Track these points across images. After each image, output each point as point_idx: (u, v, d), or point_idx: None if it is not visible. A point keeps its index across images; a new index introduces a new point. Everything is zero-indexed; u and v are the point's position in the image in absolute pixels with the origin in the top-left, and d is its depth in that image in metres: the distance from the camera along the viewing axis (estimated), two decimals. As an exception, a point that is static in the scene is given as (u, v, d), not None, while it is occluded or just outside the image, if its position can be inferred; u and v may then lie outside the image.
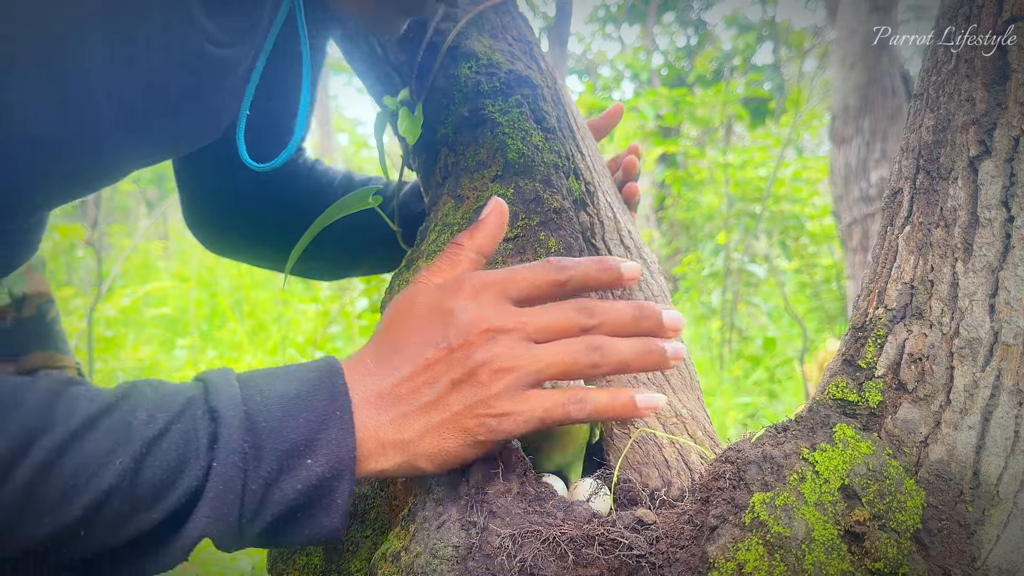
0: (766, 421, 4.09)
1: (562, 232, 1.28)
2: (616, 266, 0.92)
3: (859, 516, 0.87)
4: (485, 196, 1.30)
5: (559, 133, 1.39)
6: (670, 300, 1.49)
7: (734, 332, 5.94)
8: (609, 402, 0.93)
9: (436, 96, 1.39)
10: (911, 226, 0.98)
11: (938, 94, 0.97)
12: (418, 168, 1.50)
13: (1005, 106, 0.88)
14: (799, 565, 0.85)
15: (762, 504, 0.89)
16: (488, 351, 0.81)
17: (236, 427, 0.78)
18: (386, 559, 1.04)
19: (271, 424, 0.80)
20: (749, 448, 0.97)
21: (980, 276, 0.89)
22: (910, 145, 1.01)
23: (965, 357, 0.89)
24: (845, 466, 0.90)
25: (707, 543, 0.91)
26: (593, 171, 1.48)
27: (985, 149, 0.90)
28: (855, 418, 0.95)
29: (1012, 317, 0.87)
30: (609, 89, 10.17)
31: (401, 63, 1.46)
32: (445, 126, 1.37)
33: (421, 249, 1.37)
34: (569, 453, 1.19)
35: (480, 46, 1.42)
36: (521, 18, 1.54)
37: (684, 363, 1.45)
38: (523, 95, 1.37)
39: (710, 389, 4.59)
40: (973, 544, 0.87)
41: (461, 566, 0.94)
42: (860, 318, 1.02)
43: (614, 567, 0.92)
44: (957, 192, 0.92)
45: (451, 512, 0.99)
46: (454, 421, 0.85)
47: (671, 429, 1.29)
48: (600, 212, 1.43)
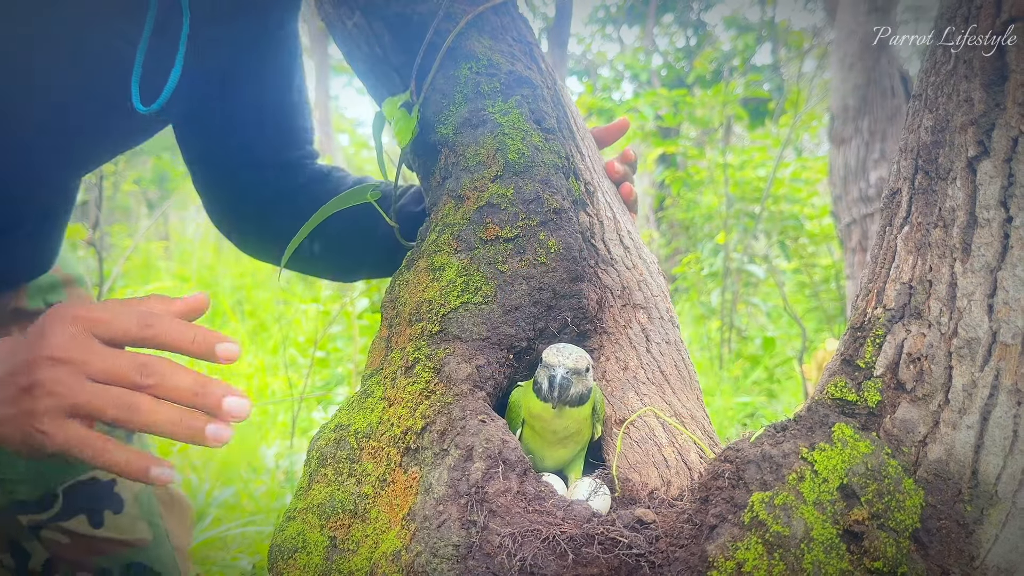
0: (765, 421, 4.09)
1: (562, 232, 1.28)
2: (212, 342, 0.98)
3: (858, 515, 0.88)
4: (485, 196, 1.31)
5: (559, 133, 1.39)
6: (670, 300, 1.49)
7: (733, 332, 5.94)
8: (173, 429, 0.96)
9: (436, 96, 1.40)
10: (910, 226, 0.99)
11: (937, 94, 0.97)
12: (418, 168, 1.50)
13: (1003, 107, 0.89)
14: (798, 564, 0.85)
15: (761, 503, 0.89)
16: (46, 374, 0.90)
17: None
18: (386, 558, 1.05)
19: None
20: (748, 448, 0.98)
21: (978, 276, 0.89)
22: (909, 145, 1.02)
23: (964, 357, 0.89)
24: (844, 465, 0.90)
25: (706, 542, 0.91)
26: (593, 171, 1.48)
27: (984, 149, 0.90)
28: (854, 418, 0.95)
29: (1010, 317, 0.87)
30: (609, 90, 10.16)
31: (401, 64, 1.46)
32: (445, 126, 1.37)
33: (421, 249, 1.38)
34: (571, 451, 1.19)
35: (480, 47, 1.42)
36: (521, 19, 1.54)
37: (684, 363, 1.46)
38: (523, 96, 1.37)
39: (709, 389, 4.59)
40: (972, 543, 0.87)
41: (461, 565, 0.94)
42: (859, 318, 1.02)
43: (614, 566, 0.92)
44: (956, 192, 0.92)
45: (451, 511, 0.99)
46: (16, 420, 0.93)
47: (671, 429, 1.29)
48: (600, 212, 1.44)
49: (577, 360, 1.14)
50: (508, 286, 1.24)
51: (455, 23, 1.42)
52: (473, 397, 1.15)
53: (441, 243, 1.32)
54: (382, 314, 1.39)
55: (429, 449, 1.11)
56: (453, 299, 1.25)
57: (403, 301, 1.33)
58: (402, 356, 1.26)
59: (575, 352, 1.15)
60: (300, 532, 1.16)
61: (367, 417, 1.24)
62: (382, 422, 1.21)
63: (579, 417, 1.17)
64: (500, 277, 1.25)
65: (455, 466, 1.05)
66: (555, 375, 1.12)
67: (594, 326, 1.30)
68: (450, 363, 1.19)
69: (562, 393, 1.11)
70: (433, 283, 1.29)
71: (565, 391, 1.12)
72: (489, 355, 1.21)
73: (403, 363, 1.25)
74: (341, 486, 1.19)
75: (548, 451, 1.20)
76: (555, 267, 1.26)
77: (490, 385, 1.20)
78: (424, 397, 1.18)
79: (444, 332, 1.24)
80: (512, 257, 1.26)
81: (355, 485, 1.19)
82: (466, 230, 1.30)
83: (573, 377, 1.12)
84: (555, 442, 1.19)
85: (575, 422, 1.17)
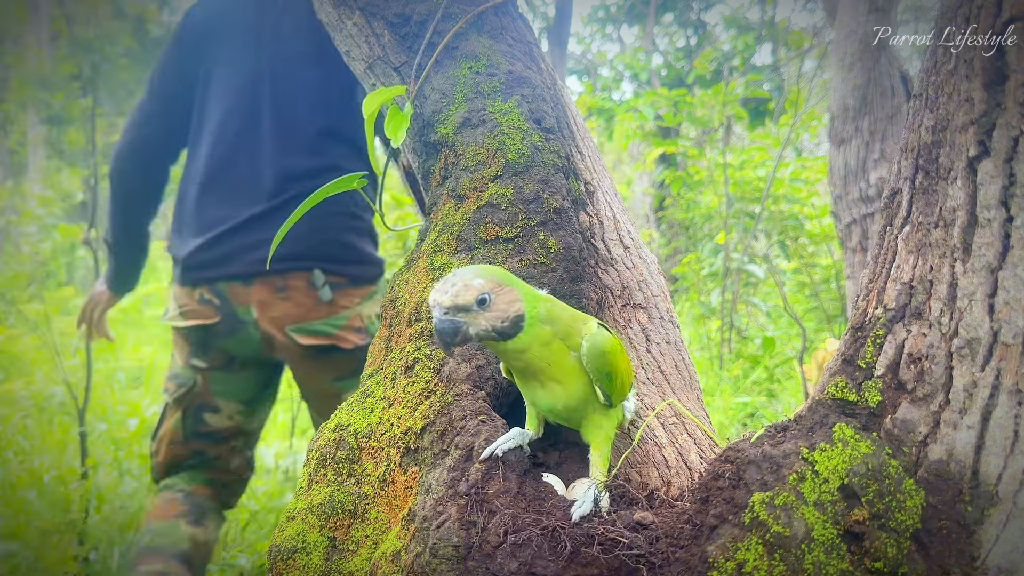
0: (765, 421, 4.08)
1: (562, 232, 1.28)
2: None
3: (859, 516, 0.87)
4: (485, 196, 1.30)
5: (559, 133, 1.39)
6: (670, 300, 1.49)
7: (733, 332, 5.94)
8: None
9: (436, 96, 1.40)
10: (910, 226, 0.98)
11: (937, 94, 0.97)
12: (418, 168, 1.50)
13: (1004, 106, 0.89)
14: (798, 565, 0.85)
15: (761, 504, 0.89)
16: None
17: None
18: (386, 559, 1.05)
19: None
20: (748, 448, 0.97)
21: (979, 276, 0.89)
22: (909, 145, 1.02)
23: (964, 357, 0.89)
24: (844, 466, 0.90)
25: (707, 543, 0.91)
26: (593, 171, 1.48)
27: (984, 149, 0.90)
28: (854, 418, 0.95)
29: (1011, 317, 0.87)
30: (609, 90, 10.17)
31: (401, 63, 1.46)
32: (445, 126, 1.37)
33: (421, 249, 1.38)
34: (562, 398, 1.05)
35: (480, 46, 1.42)
36: (521, 19, 1.54)
37: (684, 363, 1.46)
38: (523, 95, 1.37)
39: (710, 389, 4.59)
40: (972, 544, 0.87)
41: (461, 565, 0.94)
42: (859, 318, 1.02)
43: (614, 566, 0.92)
44: (956, 192, 0.92)
45: (451, 512, 0.99)
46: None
47: (671, 429, 1.29)
48: (600, 212, 1.44)
49: (458, 293, 0.92)
50: (508, 286, 1.24)
51: (454, 23, 1.42)
52: (473, 397, 1.15)
53: (441, 243, 1.32)
54: (382, 314, 1.39)
55: (429, 449, 1.11)
56: (453, 299, 1.25)
57: (403, 301, 1.33)
58: (402, 356, 1.26)
59: (461, 279, 0.93)
60: (300, 532, 1.16)
61: (367, 417, 1.24)
62: (382, 422, 1.21)
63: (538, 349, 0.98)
64: (500, 277, 1.25)
65: (455, 466, 1.05)
66: (434, 320, 0.94)
67: (594, 326, 1.29)
68: (450, 363, 1.19)
69: (446, 339, 0.93)
70: (433, 283, 1.28)
71: (450, 337, 0.93)
72: (489, 355, 1.20)
73: (403, 363, 1.25)
74: (341, 486, 1.19)
75: (532, 392, 1.07)
76: (555, 267, 1.26)
77: (490, 385, 1.19)
78: (424, 397, 1.18)
79: (444, 332, 1.24)
80: (512, 257, 1.26)
81: (355, 485, 1.18)
82: (466, 230, 1.30)
83: (460, 316, 0.93)
84: (531, 378, 1.04)
85: (538, 357, 0.99)
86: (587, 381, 1.03)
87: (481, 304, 0.93)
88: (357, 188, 1.36)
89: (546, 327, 0.99)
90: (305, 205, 1.35)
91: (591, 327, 1.03)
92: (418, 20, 1.43)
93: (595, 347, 1.01)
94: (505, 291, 0.95)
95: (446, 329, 0.93)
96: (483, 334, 0.95)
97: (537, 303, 0.99)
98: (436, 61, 1.40)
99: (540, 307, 0.99)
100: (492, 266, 1.00)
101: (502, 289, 0.95)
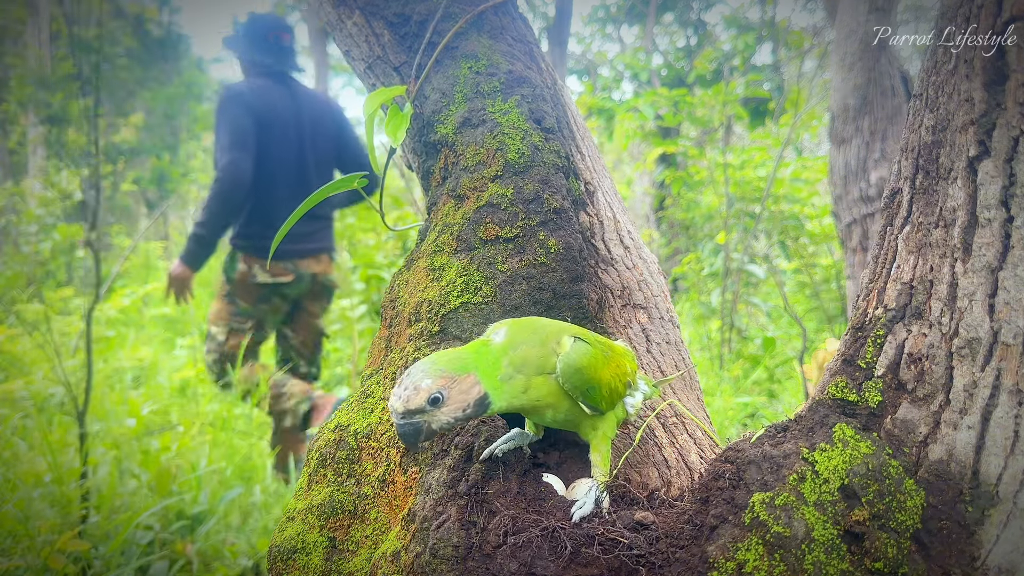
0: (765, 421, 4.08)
1: (562, 232, 1.28)
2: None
3: (859, 516, 0.87)
4: (485, 196, 1.30)
5: (559, 133, 1.39)
6: (670, 300, 1.49)
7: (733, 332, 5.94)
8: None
9: (436, 96, 1.40)
10: (910, 226, 0.98)
11: (937, 94, 0.97)
12: (417, 168, 1.50)
13: (1004, 106, 0.88)
14: (799, 565, 0.85)
15: (762, 504, 0.89)
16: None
17: None
18: (386, 559, 1.05)
19: None
20: (749, 448, 0.97)
21: (979, 276, 0.89)
22: (909, 145, 1.02)
23: (964, 357, 0.89)
24: (845, 466, 0.90)
25: (707, 543, 0.91)
26: (593, 171, 1.48)
27: (984, 149, 0.90)
28: (855, 418, 0.95)
29: (1012, 317, 0.87)
30: (609, 90, 10.17)
31: (401, 63, 1.46)
32: (445, 126, 1.37)
33: (421, 249, 1.38)
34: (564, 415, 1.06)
35: (480, 46, 1.42)
36: (521, 18, 1.54)
37: (684, 363, 1.46)
38: (523, 95, 1.37)
39: (710, 389, 4.59)
40: (973, 544, 0.87)
41: (461, 566, 0.94)
42: (859, 318, 1.02)
43: (614, 567, 0.92)
44: (956, 192, 0.92)
45: (451, 512, 0.99)
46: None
47: (671, 429, 1.29)
48: (600, 212, 1.44)
49: (409, 398, 0.93)
50: (508, 286, 1.24)
51: (454, 23, 1.42)
52: (473, 397, 1.14)
53: (441, 243, 1.32)
54: (382, 314, 1.39)
55: (429, 449, 1.11)
56: (453, 299, 1.25)
57: (403, 301, 1.33)
58: (402, 356, 1.26)
59: (412, 381, 0.93)
60: (300, 532, 1.16)
61: (367, 417, 1.24)
62: (382, 422, 1.21)
63: (519, 399, 0.99)
64: (500, 277, 1.25)
65: (455, 467, 1.05)
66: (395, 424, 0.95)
67: (594, 326, 1.29)
68: (450, 363, 1.19)
69: (409, 441, 0.94)
70: (433, 283, 1.28)
71: (412, 438, 0.94)
72: (489, 355, 1.20)
73: (403, 363, 1.25)
74: (341, 486, 1.19)
75: (526, 415, 1.08)
76: (555, 267, 1.26)
77: (490, 385, 1.19)
78: (424, 397, 1.18)
79: (444, 332, 1.24)
80: (512, 257, 1.26)
81: (355, 486, 1.18)
82: (466, 230, 1.30)
83: (418, 418, 0.93)
84: (534, 413, 1.05)
85: (521, 403, 1.00)
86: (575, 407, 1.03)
87: (434, 403, 0.93)
88: (357, 188, 1.37)
89: (518, 378, 0.98)
90: (311, 200, 1.37)
91: (564, 346, 1.01)
92: (418, 20, 1.43)
93: (569, 367, 1.00)
94: (458, 381, 0.94)
95: (407, 432, 0.94)
96: (448, 425, 0.95)
97: (498, 368, 0.97)
98: (436, 61, 1.40)
99: (504, 369, 0.98)
100: (446, 355, 0.97)
101: (455, 382, 0.94)
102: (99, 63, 3.52)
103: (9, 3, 11.94)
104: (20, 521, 2.52)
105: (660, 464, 1.21)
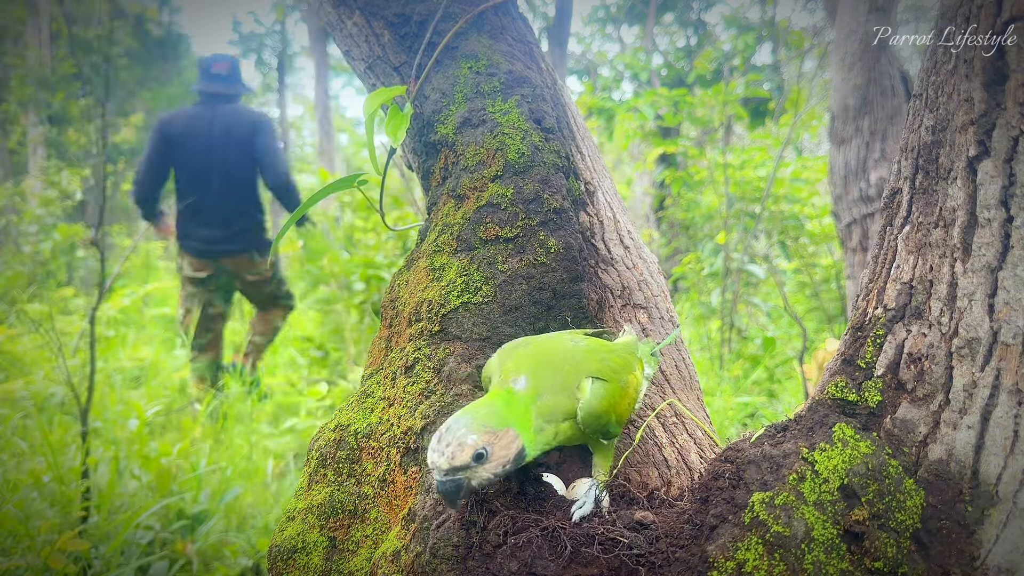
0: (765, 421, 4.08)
1: (562, 232, 1.28)
2: None
3: (858, 516, 0.87)
4: (485, 196, 1.31)
5: (559, 133, 1.39)
6: (670, 299, 1.49)
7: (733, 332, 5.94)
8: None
9: (436, 96, 1.40)
10: (910, 226, 0.98)
11: (937, 94, 0.97)
12: (417, 168, 1.50)
13: (1004, 106, 0.89)
14: (798, 564, 0.85)
15: (761, 504, 0.89)
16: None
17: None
18: (386, 559, 1.05)
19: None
20: (748, 448, 0.98)
21: (979, 276, 0.89)
22: (909, 145, 1.02)
23: (964, 357, 0.89)
24: (844, 466, 0.90)
25: (707, 542, 0.91)
26: (593, 171, 1.48)
27: (984, 149, 0.90)
28: (854, 418, 0.95)
29: (1011, 317, 0.87)
30: (609, 90, 10.16)
31: (401, 63, 1.46)
32: (445, 126, 1.37)
33: (421, 249, 1.38)
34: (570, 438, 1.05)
35: (480, 46, 1.42)
36: (521, 19, 1.54)
37: (684, 363, 1.46)
38: (523, 95, 1.37)
39: (710, 389, 4.59)
40: (972, 544, 0.87)
41: (461, 565, 0.94)
42: (859, 318, 1.02)
43: (614, 566, 0.92)
44: (956, 192, 0.92)
45: (451, 512, 0.99)
46: None
47: (671, 429, 1.29)
48: (600, 212, 1.44)
49: (454, 455, 0.90)
50: (508, 286, 1.24)
51: (454, 23, 1.42)
52: (473, 397, 1.15)
53: (441, 243, 1.32)
54: (382, 314, 1.39)
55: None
56: (453, 299, 1.25)
57: (403, 301, 1.33)
58: (402, 356, 1.26)
59: (455, 437, 0.91)
60: (300, 532, 1.16)
61: (367, 417, 1.24)
62: (382, 422, 1.21)
63: (547, 445, 0.99)
64: (500, 277, 1.25)
65: (455, 466, 1.05)
66: (435, 483, 0.92)
67: (594, 326, 1.30)
68: (450, 363, 1.19)
69: (451, 499, 0.92)
70: (433, 283, 1.29)
71: (453, 496, 0.92)
72: (489, 355, 1.21)
73: (403, 363, 1.25)
74: (341, 486, 1.19)
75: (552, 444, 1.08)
76: (555, 267, 1.26)
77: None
78: (424, 397, 1.18)
79: (444, 332, 1.24)
80: (512, 257, 1.26)
81: (355, 485, 1.19)
82: (466, 230, 1.30)
83: (460, 475, 0.91)
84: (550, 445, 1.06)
85: (549, 448, 1.00)
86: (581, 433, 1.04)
87: (479, 459, 0.91)
88: (357, 187, 1.38)
89: (548, 428, 0.98)
90: (310, 201, 1.38)
91: (584, 391, 1.00)
92: (418, 20, 1.43)
93: (589, 415, 1.00)
94: (500, 437, 0.93)
95: (449, 490, 0.91)
96: (488, 482, 0.93)
97: (529, 420, 0.96)
98: (436, 61, 1.40)
99: (535, 421, 0.97)
100: (482, 409, 0.95)
101: (497, 437, 0.92)
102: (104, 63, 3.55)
103: (9, 3, 11.93)
104: (20, 521, 2.52)
105: (660, 464, 1.22)
